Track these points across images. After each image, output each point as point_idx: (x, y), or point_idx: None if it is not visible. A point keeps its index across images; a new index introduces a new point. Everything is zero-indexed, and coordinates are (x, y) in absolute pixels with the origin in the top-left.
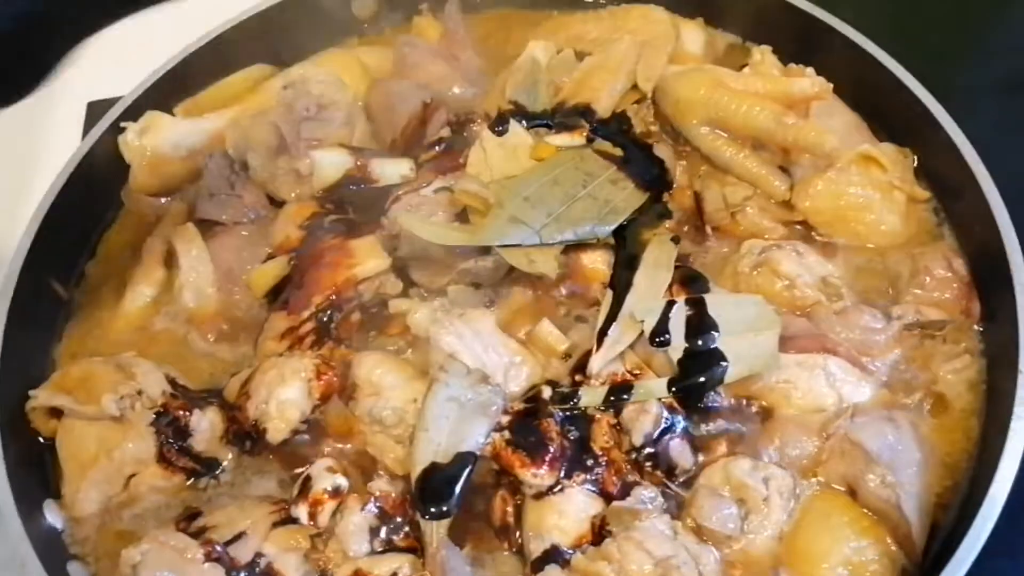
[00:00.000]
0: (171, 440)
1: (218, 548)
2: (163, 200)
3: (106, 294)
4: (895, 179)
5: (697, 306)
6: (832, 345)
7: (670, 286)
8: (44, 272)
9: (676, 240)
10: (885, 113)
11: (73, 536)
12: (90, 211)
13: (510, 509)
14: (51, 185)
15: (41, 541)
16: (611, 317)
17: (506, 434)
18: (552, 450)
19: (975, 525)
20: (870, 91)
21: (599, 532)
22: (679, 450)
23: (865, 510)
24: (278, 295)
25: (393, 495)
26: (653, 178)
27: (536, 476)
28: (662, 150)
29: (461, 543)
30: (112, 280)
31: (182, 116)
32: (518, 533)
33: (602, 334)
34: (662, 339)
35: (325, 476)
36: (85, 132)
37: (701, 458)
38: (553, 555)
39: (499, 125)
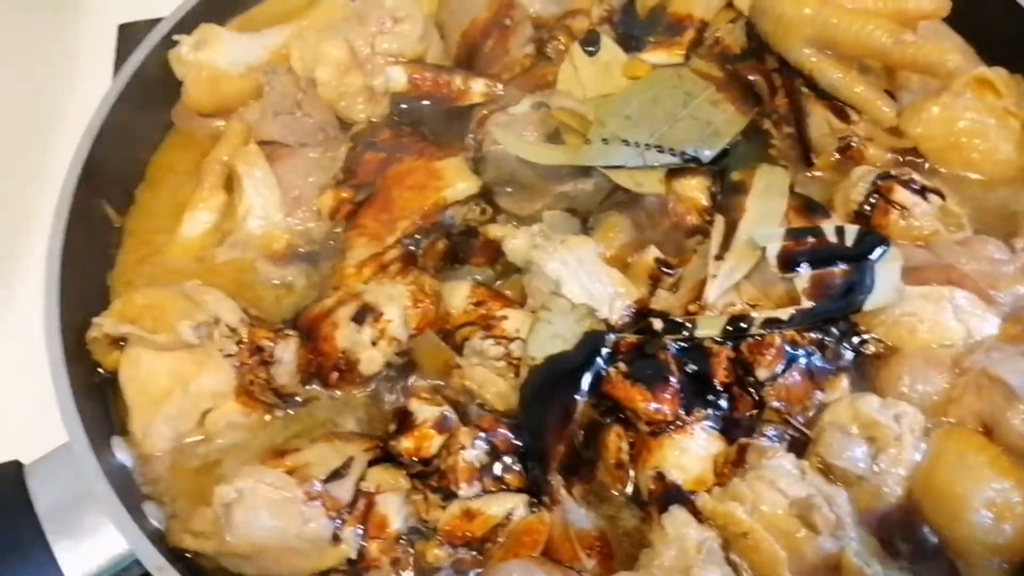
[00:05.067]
0: (253, 372)
1: (317, 486)
2: (217, 123)
3: (159, 219)
4: (1010, 105)
5: (818, 234)
6: (959, 276)
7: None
8: (96, 195)
9: (783, 166)
10: (992, 37)
11: (144, 475)
12: (138, 132)
13: (624, 446)
14: (101, 102)
15: (114, 480)
16: (724, 245)
17: (622, 366)
18: (672, 383)
19: None
20: (975, 14)
21: (720, 472)
22: (803, 386)
23: (1003, 450)
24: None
25: (503, 430)
26: (753, 101)
27: (657, 411)
28: (755, 72)
29: (572, 484)
30: (163, 205)
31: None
32: (633, 472)
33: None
34: (794, 267)
35: (428, 408)
36: (117, 55)
37: (825, 395)
38: (674, 494)
39: (590, 43)
